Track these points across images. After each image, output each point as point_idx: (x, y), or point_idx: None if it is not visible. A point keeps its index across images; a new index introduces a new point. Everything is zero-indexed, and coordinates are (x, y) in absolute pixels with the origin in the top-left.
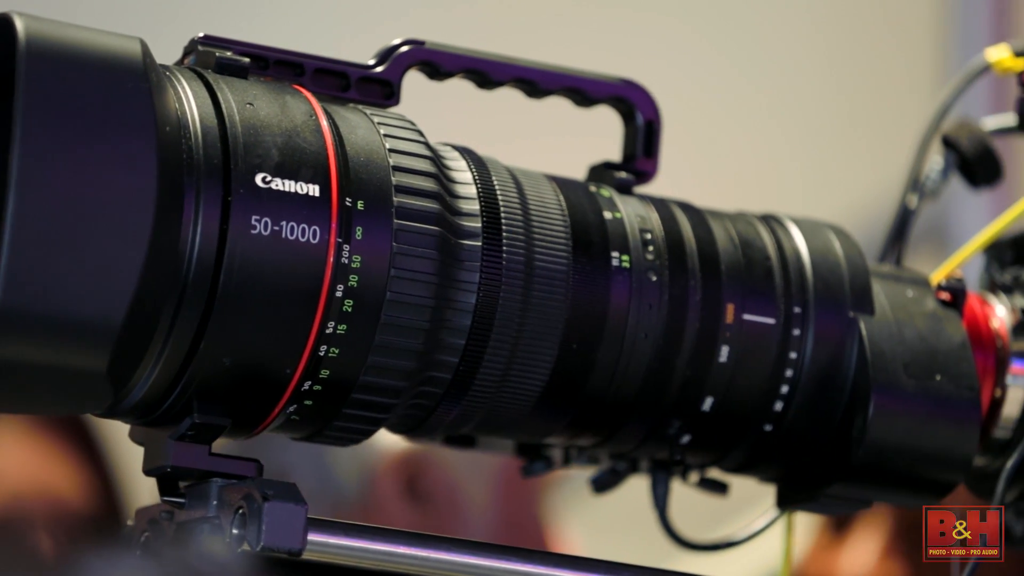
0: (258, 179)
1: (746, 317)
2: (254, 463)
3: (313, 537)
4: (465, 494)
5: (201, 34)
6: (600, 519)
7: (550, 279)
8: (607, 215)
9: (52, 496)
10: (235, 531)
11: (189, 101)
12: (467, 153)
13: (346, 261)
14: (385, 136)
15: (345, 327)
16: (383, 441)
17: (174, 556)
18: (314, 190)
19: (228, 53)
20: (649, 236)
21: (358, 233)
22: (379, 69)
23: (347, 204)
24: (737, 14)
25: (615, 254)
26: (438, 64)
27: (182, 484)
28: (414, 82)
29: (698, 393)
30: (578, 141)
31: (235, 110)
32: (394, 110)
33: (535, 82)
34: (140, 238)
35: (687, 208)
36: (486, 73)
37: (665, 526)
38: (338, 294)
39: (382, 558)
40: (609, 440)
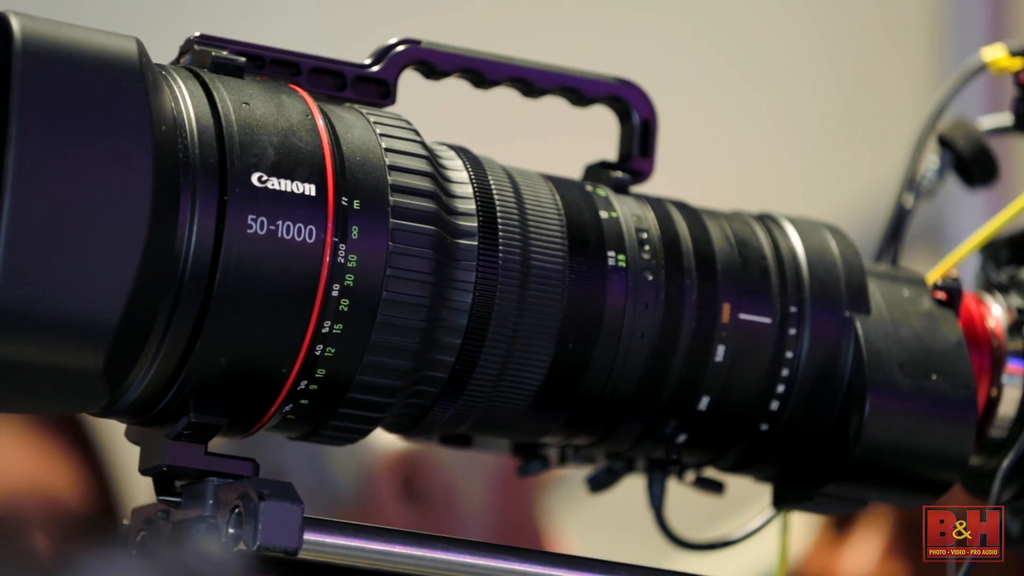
0: (254, 178)
1: (742, 316)
2: (250, 462)
3: (309, 536)
4: (462, 494)
5: (197, 33)
6: (596, 518)
7: (546, 278)
8: (603, 214)
9: (48, 495)
10: (231, 530)
11: (185, 100)
12: (463, 152)
13: (342, 260)
14: (381, 135)
15: (341, 326)
16: (380, 441)
17: (170, 555)
18: (310, 189)
19: (224, 52)
20: (645, 235)
21: (354, 232)
22: (375, 68)
23: (343, 203)
24: (733, 14)
25: (611, 253)
26: (434, 63)
27: (178, 483)
28: (410, 81)
29: (694, 392)
30: (574, 140)
31: (231, 109)
32: (390, 109)
33: (531, 81)
34: (136, 237)
35: (683, 207)
36: (482, 72)
37: (661, 525)
38: (334, 293)
39: (378, 557)
40: (605, 439)
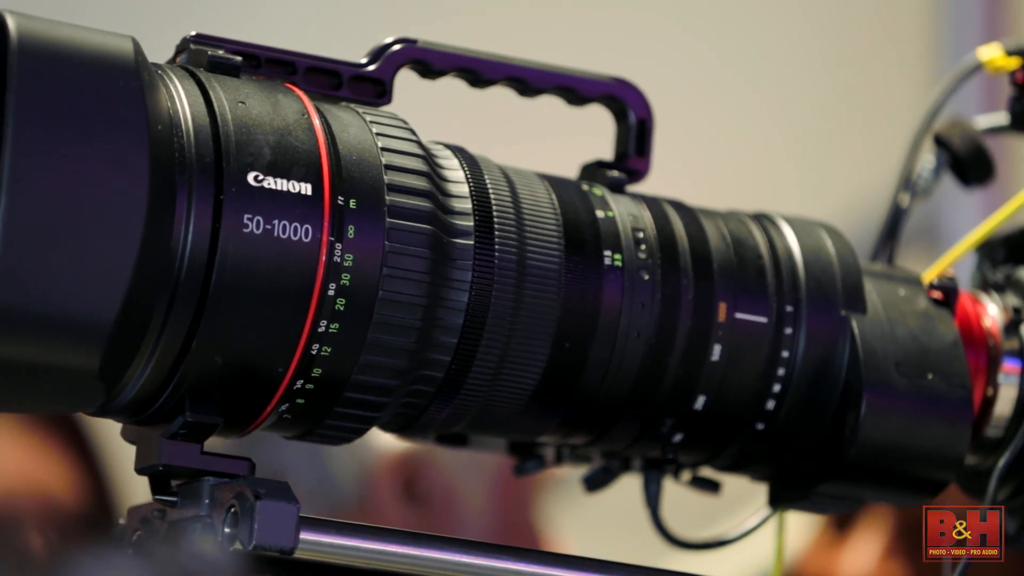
0: (250, 178)
1: (738, 316)
2: (246, 462)
3: (305, 536)
4: (462, 495)
5: (193, 33)
6: (592, 518)
7: (542, 278)
8: (599, 214)
9: (44, 495)
10: (227, 530)
11: (181, 100)
12: (459, 152)
13: (338, 260)
14: (377, 135)
15: (337, 326)
16: (381, 442)
17: (165, 555)
18: (306, 189)
19: (220, 52)
20: (641, 235)
21: (350, 232)
22: (371, 68)
23: (339, 203)
24: (729, 13)
25: (607, 253)
26: (430, 63)
27: (174, 483)
28: (406, 81)
29: (690, 392)
30: (570, 140)
31: (227, 109)
32: (386, 109)
33: (527, 81)
34: (132, 236)
35: (679, 207)
36: (478, 72)
37: (657, 525)
38: (330, 293)
39: (374, 557)
40: (601, 439)
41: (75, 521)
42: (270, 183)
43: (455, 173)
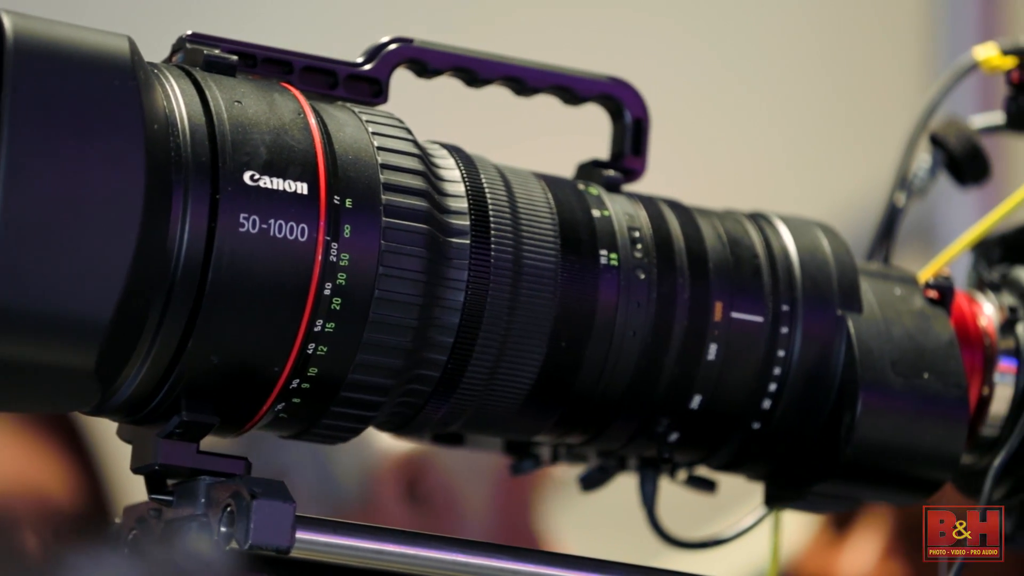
0: (246, 177)
1: (734, 315)
2: (242, 461)
3: (301, 535)
4: (464, 497)
5: (189, 32)
6: (589, 517)
7: (538, 277)
8: (595, 213)
9: (40, 494)
10: (223, 529)
11: (177, 99)
12: (455, 151)
13: (334, 259)
14: (373, 134)
15: (333, 325)
16: (383, 444)
17: (159, 554)
18: (302, 188)
19: (216, 51)
20: (637, 234)
21: (346, 231)
22: (367, 67)
23: (335, 202)
24: (726, 13)
25: (603, 252)
26: (426, 62)
27: (170, 482)
28: (402, 80)
29: (686, 391)
30: (566, 139)
31: (223, 108)
32: (382, 108)
33: (523, 80)
34: (128, 236)
35: (675, 206)
36: (474, 71)
37: (653, 524)
38: (326, 292)
39: (370, 556)
40: (597, 438)
41: (71, 520)
42: (266, 182)
43: (451, 172)
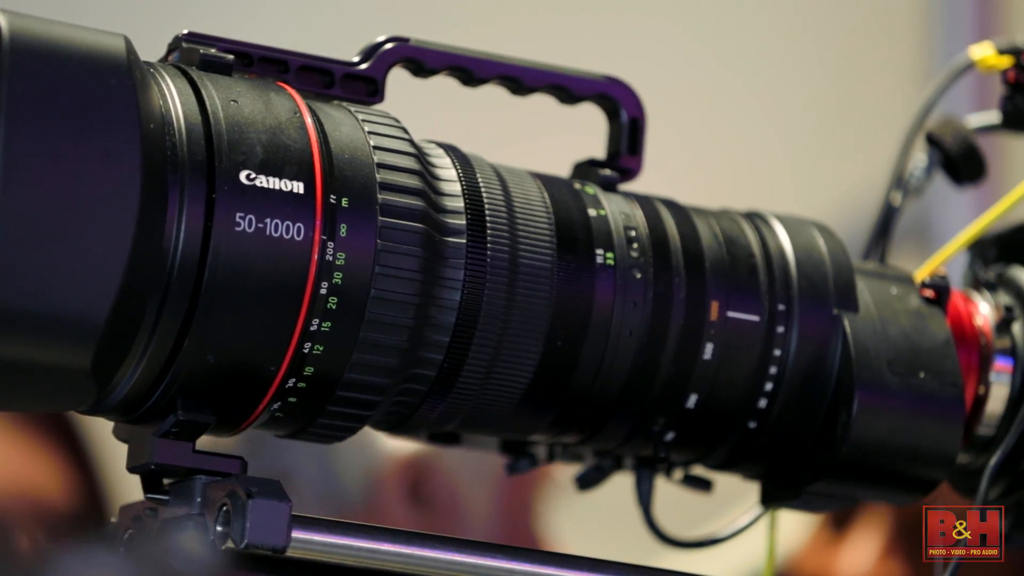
0: (242, 176)
1: (730, 314)
2: (238, 460)
3: (297, 534)
4: (467, 498)
5: (185, 31)
6: (585, 516)
7: (535, 276)
8: (591, 212)
9: (36, 494)
10: (219, 528)
11: (173, 98)
12: (451, 150)
13: (330, 258)
14: (369, 133)
15: (329, 324)
16: (387, 446)
17: (151, 553)
18: (298, 187)
19: (212, 50)
20: (634, 233)
21: (342, 230)
22: (363, 66)
23: (331, 201)
24: (722, 12)
25: (599, 251)
26: (422, 61)
27: (166, 481)
28: (398, 79)
29: (682, 390)
30: (562, 138)
31: (219, 107)
32: (379, 107)
33: (519, 79)
34: (124, 235)
35: (671, 205)
36: (470, 70)
37: (649, 523)
38: (322, 291)
39: (366, 555)
40: (593, 437)
41: (67, 520)
42: (262, 181)
43: (447, 172)
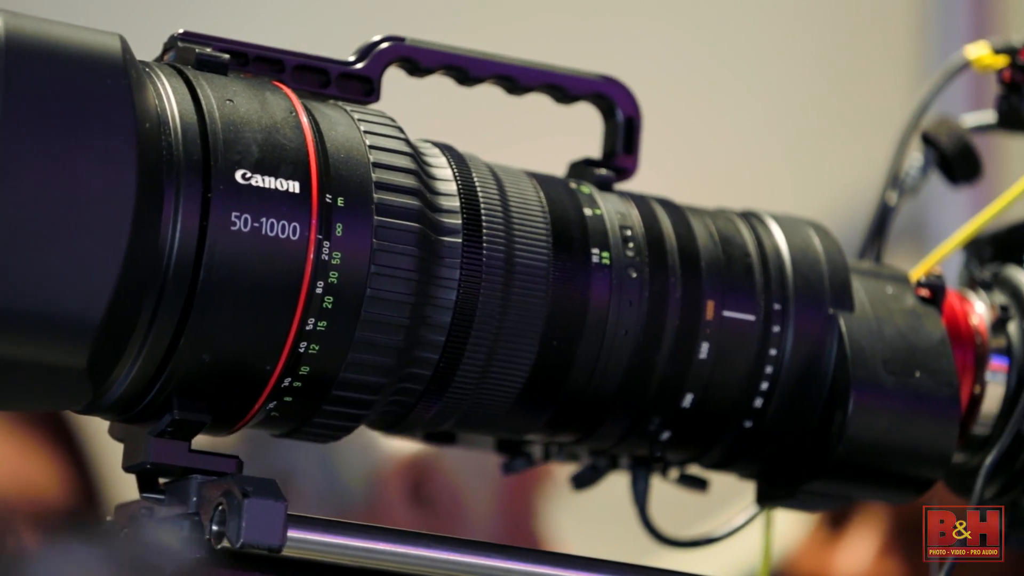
0: (238, 175)
1: (726, 314)
2: (234, 459)
3: (293, 534)
4: (468, 499)
5: (181, 30)
6: (581, 516)
7: (530, 276)
8: (587, 212)
9: (32, 493)
10: (215, 528)
11: (169, 97)
12: (447, 150)
13: (326, 258)
14: (365, 132)
15: (325, 324)
16: (390, 446)
17: (137, 551)
18: (294, 186)
19: (208, 49)
20: (629, 233)
21: (338, 229)
22: (359, 65)
23: (327, 200)
24: (717, 12)
25: (595, 251)
26: (418, 60)
27: (162, 480)
28: (394, 79)
29: (678, 390)
30: (558, 138)
31: (215, 106)
32: (374, 107)
33: (515, 79)
34: (120, 235)
35: (667, 205)
36: (466, 70)
37: (645, 523)
38: (318, 291)
39: (363, 555)
40: (589, 437)
41: (63, 519)
42: (258, 181)
43: (443, 171)
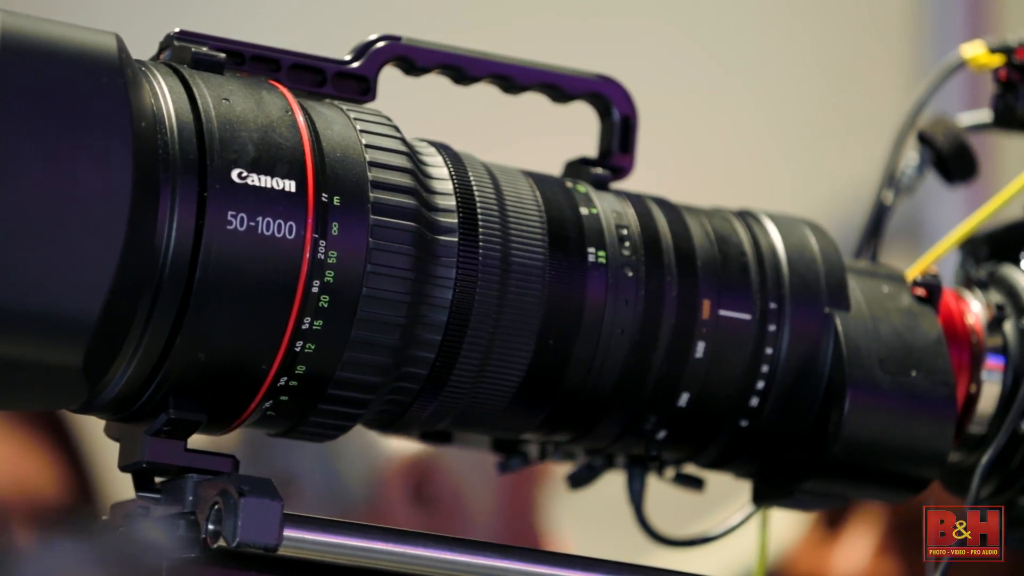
0: (234, 175)
1: (722, 313)
2: (230, 459)
3: (289, 533)
4: (471, 498)
5: (177, 29)
6: (577, 515)
7: (526, 275)
8: (583, 211)
9: (28, 492)
10: (211, 527)
11: (165, 96)
12: (443, 149)
13: (322, 257)
14: (361, 132)
15: (321, 323)
16: (391, 446)
17: (127, 548)
18: (290, 185)
19: (204, 48)
20: (625, 232)
21: (334, 229)
22: (355, 65)
23: (323, 200)
24: (714, 11)
25: (591, 250)
26: (414, 60)
27: (158, 480)
28: (390, 78)
29: (674, 389)
30: (554, 137)
31: (211, 105)
32: (370, 106)
33: (511, 78)
34: (116, 234)
35: (663, 204)
36: (462, 69)
37: (641, 522)
38: (314, 290)
39: (359, 554)
40: (585, 436)
41: (59, 517)
42: (254, 180)
43: (439, 170)
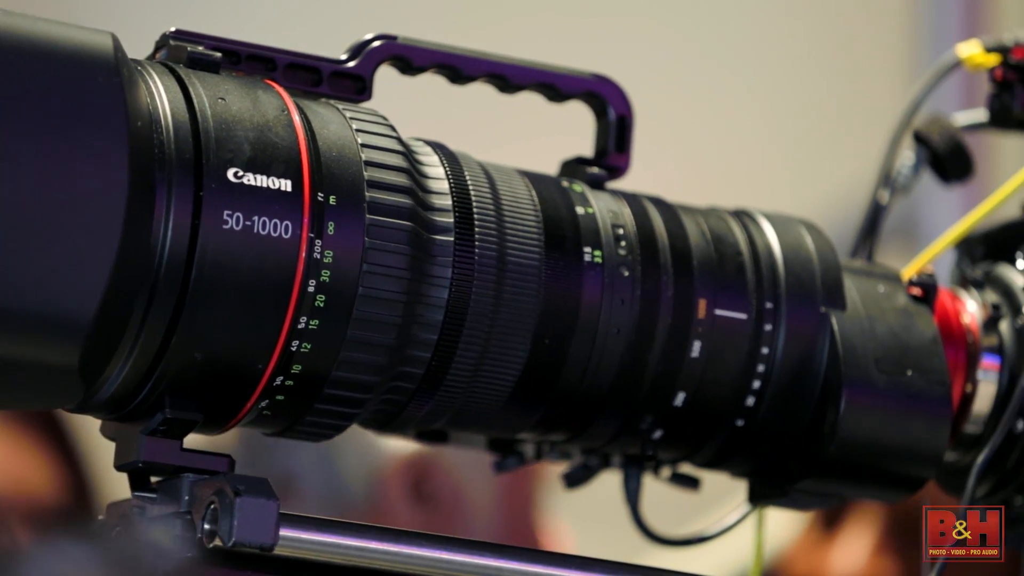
0: (230, 174)
1: (718, 312)
2: (226, 458)
3: (285, 532)
4: (470, 497)
5: (173, 29)
6: (573, 514)
7: (522, 274)
8: (579, 210)
9: (24, 492)
10: (207, 526)
11: (161, 96)
12: (439, 148)
13: (318, 256)
14: (357, 131)
15: (317, 322)
16: (390, 445)
17: (127, 548)
18: (286, 185)
19: (200, 48)
20: (621, 231)
21: (330, 228)
22: (351, 64)
23: (319, 199)
24: (710, 10)
25: (587, 249)
26: (410, 59)
27: (154, 479)
28: (386, 77)
29: (670, 388)
30: (550, 136)
31: (207, 105)
32: (366, 105)
33: (507, 77)
34: (111, 233)
35: (659, 203)
36: (458, 68)
37: (637, 521)
38: (310, 289)
39: (355, 553)
40: (581, 435)
41: (55, 517)
42: (250, 179)
43: (435, 169)
